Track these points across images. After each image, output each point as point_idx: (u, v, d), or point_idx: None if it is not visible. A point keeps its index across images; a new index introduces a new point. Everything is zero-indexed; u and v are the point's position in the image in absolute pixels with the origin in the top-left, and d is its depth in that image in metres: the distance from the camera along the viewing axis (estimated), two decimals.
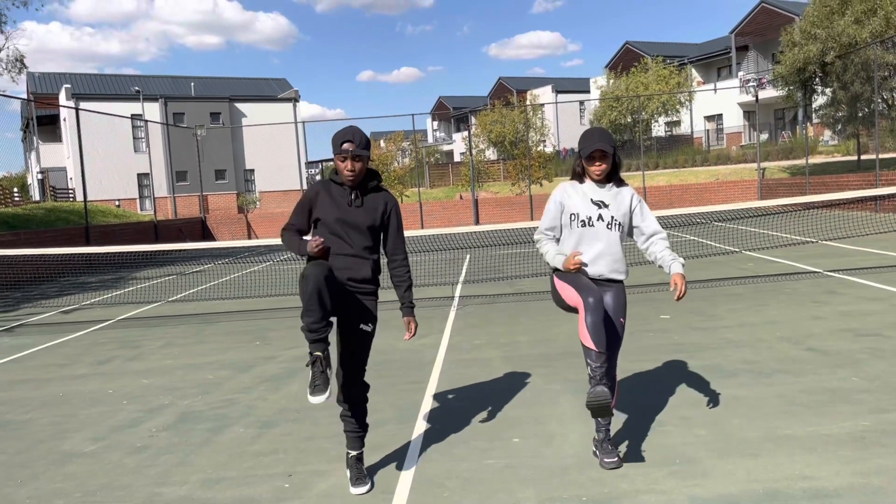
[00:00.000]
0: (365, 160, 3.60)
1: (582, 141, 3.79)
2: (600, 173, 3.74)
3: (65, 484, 4.06)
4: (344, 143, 3.53)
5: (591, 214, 3.77)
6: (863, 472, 3.49)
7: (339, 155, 3.56)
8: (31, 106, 40.48)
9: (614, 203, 3.79)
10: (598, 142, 3.69)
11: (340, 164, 3.58)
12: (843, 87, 21.73)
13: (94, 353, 7.78)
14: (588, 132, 3.82)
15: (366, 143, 3.58)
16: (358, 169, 3.58)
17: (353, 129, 3.59)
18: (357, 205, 3.64)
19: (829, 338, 6.21)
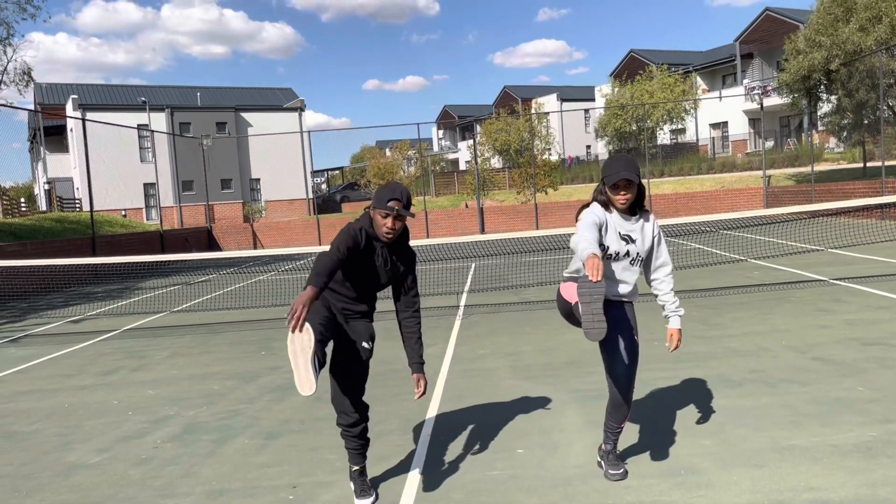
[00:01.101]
0: (404, 220, 3.54)
1: (606, 168, 3.64)
2: (625, 202, 3.60)
3: (70, 496, 4.07)
4: (390, 201, 3.46)
5: (620, 250, 3.65)
6: (869, 483, 3.47)
7: (381, 210, 3.47)
8: (39, 116, 40.75)
9: (640, 238, 3.68)
10: (623, 170, 3.53)
11: (381, 219, 3.49)
12: (848, 94, 21.70)
13: (100, 364, 7.80)
14: (613, 159, 3.67)
15: (409, 202, 3.54)
16: (398, 228, 3.53)
17: (401, 188, 3.53)
18: (384, 266, 3.62)
19: (835, 347, 6.19)
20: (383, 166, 36.90)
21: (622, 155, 3.76)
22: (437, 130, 72.03)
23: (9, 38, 22.60)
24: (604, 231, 3.61)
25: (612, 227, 3.65)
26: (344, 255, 3.39)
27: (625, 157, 3.66)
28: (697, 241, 17.11)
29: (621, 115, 41.24)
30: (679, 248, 15.64)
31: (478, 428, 4.74)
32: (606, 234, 3.64)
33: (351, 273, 3.60)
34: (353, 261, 3.55)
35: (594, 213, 3.62)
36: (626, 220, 3.66)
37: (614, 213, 3.66)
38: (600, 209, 3.65)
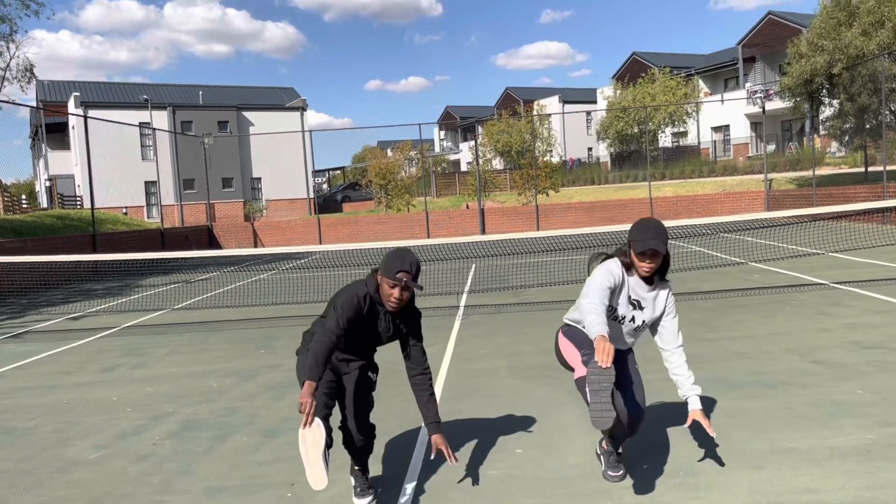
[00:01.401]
0: (412, 291, 3.48)
1: (636, 232, 3.48)
2: (648, 271, 3.49)
3: (68, 491, 4.06)
4: (399, 272, 3.40)
5: (626, 314, 3.59)
6: (868, 486, 3.46)
7: (390, 280, 3.42)
8: (40, 113, 40.79)
9: (650, 306, 3.60)
10: (652, 239, 3.40)
11: (388, 289, 3.44)
12: (851, 98, 21.70)
13: (100, 361, 7.80)
14: (644, 225, 3.49)
15: (418, 273, 3.47)
16: (405, 299, 3.47)
17: (411, 259, 3.45)
18: (386, 331, 3.60)
19: (835, 350, 6.18)
20: (384, 166, 36.87)
21: (654, 220, 3.56)
22: (439, 131, 72.07)
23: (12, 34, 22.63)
24: (616, 293, 3.52)
25: (625, 290, 3.55)
26: (344, 329, 3.37)
27: (656, 223, 3.51)
28: (698, 244, 17.10)
29: (623, 117, 41.26)
30: (680, 251, 15.63)
31: (476, 428, 4.74)
32: (618, 296, 3.54)
33: (350, 337, 3.53)
34: (359, 329, 3.52)
35: (611, 273, 3.49)
36: (642, 286, 3.56)
37: (634, 275, 3.55)
38: (618, 270, 3.52)
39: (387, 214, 32.63)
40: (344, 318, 3.39)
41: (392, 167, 37.21)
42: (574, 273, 12.77)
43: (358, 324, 3.49)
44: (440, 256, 16.14)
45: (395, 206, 34.78)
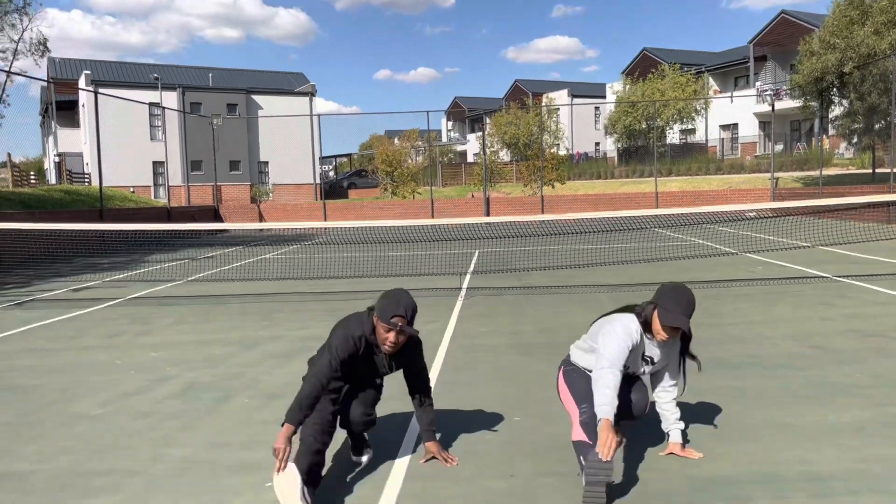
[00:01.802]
0: (408, 335, 3.45)
1: (669, 300, 3.37)
2: (666, 340, 3.45)
3: (72, 443, 4.13)
4: (394, 318, 3.35)
5: (637, 370, 3.61)
6: (862, 460, 3.50)
7: (384, 325, 3.38)
8: (51, 90, 40.86)
9: (660, 361, 3.61)
10: (682, 317, 3.32)
11: (383, 333, 3.40)
12: (861, 97, 21.63)
13: (105, 328, 7.87)
14: (677, 296, 3.36)
15: (413, 316, 3.44)
16: (400, 342, 3.44)
17: (405, 302, 3.40)
18: (384, 368, 3.59)
19: (835, 337, 6.21)
20: (391, 154, 36.90)
21: (686, 291, 3.39)
22: (447, 122, 71.97)
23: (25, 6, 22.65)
24: (631, 354, 3.46)
25: (640, 349, 3.53)
26: (336, 371, 3.36)
27: (691, 296, 3.38)
28: (702, 237, 17.11)
29: (632, 112, 41.16)
30: (683, 244, 15.64)
31: (476, 398, 4.79)
32: (634, 356, 3.51)
33: (348, 374, 3.52)
34: (357, 370, 3.52)
35: (630, 337, 3.42)
36: (656, 345, 3.54)
37: (650, 338, 3.51)
38: (637, 330, 3.46)
39: (392, 201, 32.67)
40: (337, 360, 3.38)
41: (398, 155, 37.23)
42: (577, 258, 12.80)
43: (354, 364, 3.49)
44: (444, 237, 16.19)
45: (401, 193, 34.81)
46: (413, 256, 14.79)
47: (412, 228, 15.97)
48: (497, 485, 3.36)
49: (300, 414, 3.24)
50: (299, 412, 3.24)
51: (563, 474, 3.44)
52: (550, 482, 3.36)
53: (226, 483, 3.48)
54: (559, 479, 3.39)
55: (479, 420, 4.31)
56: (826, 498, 3.08)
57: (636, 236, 18.06)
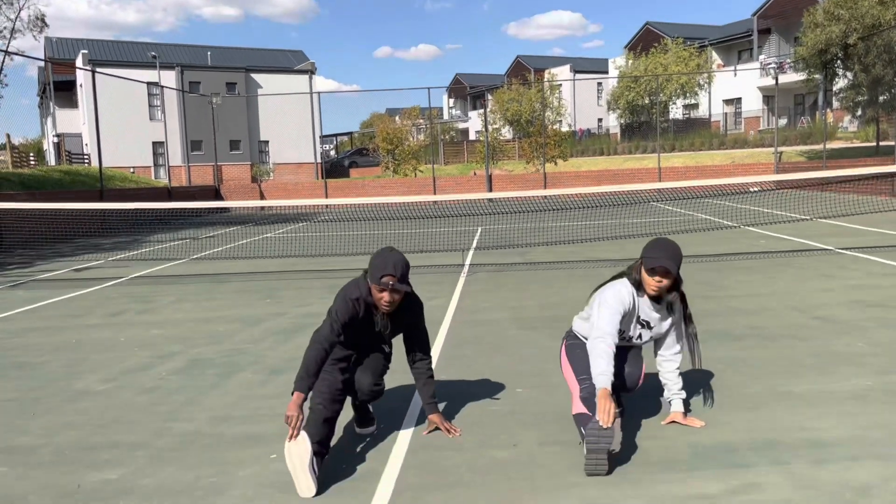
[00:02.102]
0: (402, 293, 3.43)
1: (648, 249, 3.45)
2: (657, 289, 3.44)
3: (77, 417, 4.15)
4: (384, 277, 3.34)
5: (633, 334, 3.59)
6: (862, 426, 3.51)
7: (376, 286, 3.38)
8: (48, 71, 40.63)
9: (657, 326, 3.60)
10: (667, 259, 3.37)
11: (378, 293, 3.39)
12: (865, 69, 21.44)
13: (107, 306, 7.89)
14: (658, 243, 3.46)
15: (406, 273, 3.41)
16: (395, 301, 3.43)
17: (394, 260, 3.37)
18: (386, 332, 3.58)
19: (837, 308, 6.21)
20: (392, 132, 36.72)
21: (669, 241, 3.49)
22: (448, 99, 71.55)
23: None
24: (626, 318, 3.48)
25: (635, 312, 3.53)
26: (338, 335, 3.38)
27: (673, 244, 3.45)
28: (705, 212, 17.06)
29: (634, 87, 40.86)
30: (687, 219, 15.61)
31: (479, 370, 4.81)
32: (629, 320, 3.52)
33: (351, 342, 3.53)
34: (351, 330, 3.50)
35: (622, 298, 3.46)
36: (651, 307, 3.53)
37: (644, 296, 3.51)
38: (629, 293, 3.48)
39: (394, 179, 32.59)
40: (339, 323, 3.39)
41: (399, 132, 37.07)
42: (579, 234, 12.79)
43: (355, 327, 3.49)
44: (447, 214, 16.17)
45: (402, 171, 34.71)
46: (416, 234, 14.78)
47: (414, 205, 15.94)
48: (500, 454, 3.38)
49: (308, 380, 3.24)
50: (307, 378, 3.24)
51: (565, 443, 3.46)
52: (553, 451, 3.38)
53: (230, 456, 3.50)
54: (562, 448, 3.41)
55: (482, 392, 4.32)
56: (826, 464, 3.10)
57: (639, 211, 18.02)
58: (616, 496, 2.89)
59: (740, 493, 2.86)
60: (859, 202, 16.94)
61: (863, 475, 2.97)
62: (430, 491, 3.02)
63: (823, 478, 2.96)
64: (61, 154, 34.13)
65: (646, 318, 3.56)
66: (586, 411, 3.31)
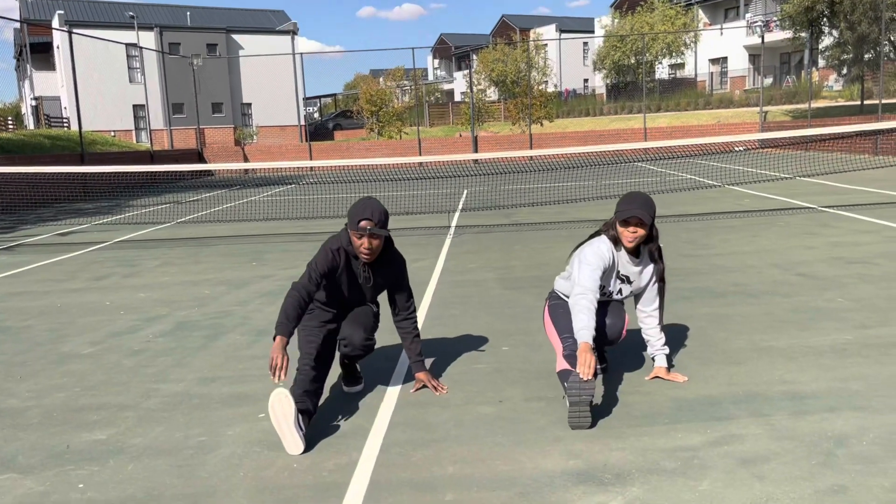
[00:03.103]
0: (382, 238, 3.41)
1: (622, 202, 3.49)
2: (633, 240, 3.45)
3: (64, 380, 4.16)
4: (361, 221, 3.32)
5: (613, 289, 3.61)
6: (841, 378, 3.58)
7: (355, 232, 3.35)
8: (24, 32, 39.68)
9: (637, 280, 3.62)
10: (638, 208, 3.40)
11: (356, 240, 3.37)
12: (850, 27, 21.37)
13: (92, 271, 7.85)
14: (631, 196, 3.50)
15: (384, 220, 3.38)
16: (375, 247, 3.39)
17: (372, 206, 3.36)
18: (368, 285, 3.55)
19: (818, 265, 6.29)
20: (376, 93, 36.32)
21: (641, 193, 3.54)
22: (433, 59, 70.72)
23: None
24: (606, 274, 3.51)
25: (615, 267, 3.55)
26: (317, 282, 3.37)
27: (644, 196, 3.50)
28: (691, 172, 17.10)
29: (620, 47, 40.53)
30: (672, 179, 15.64)
31: (465, 330, 4.84)
32: (608, 276, 3.55)
33: (334, 296, 3.53)
34: (333, 283, 3.49)
35: (601, 254, 3.48)
36: (630, 261, 3.55)
37: (622, 251, 3.53)
38: (608, 250, 3.50)
39: (379, 141, 32.35)
40: (317, 272, 3.38)
41: (383, 94, 36.68)
42: (565, 194, 12.80)
43: (336, 279, 3.49)
44: (432, 175, 16.11)
45: (387, 133, 34.44)
46: (401, 196, 14.73)
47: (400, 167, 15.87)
48: (486, 410, 3.42)
49: (288, 325, 3.22)
50: (287, 323, 3.23)
51: (549, 399, 3.51)
52: (538, 406, 3.43)
53: (218, 415, 3.53)
54: (546, 403, 3.46)
55: (468, 350, 4.36)
56: (805, 415, 3.16)
57: (624, 171, 18.03)
58: (600, 449, 2.94)
59: (721, 445, 2.92)
60: (843, 160, 17.02)
61: (840, 426, 3.04)
62: (416, 447, 3.06)
63: (802, 429, 3.03)
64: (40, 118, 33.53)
65: (625, 273, 3.59)
66: (570, 368, 3.35)
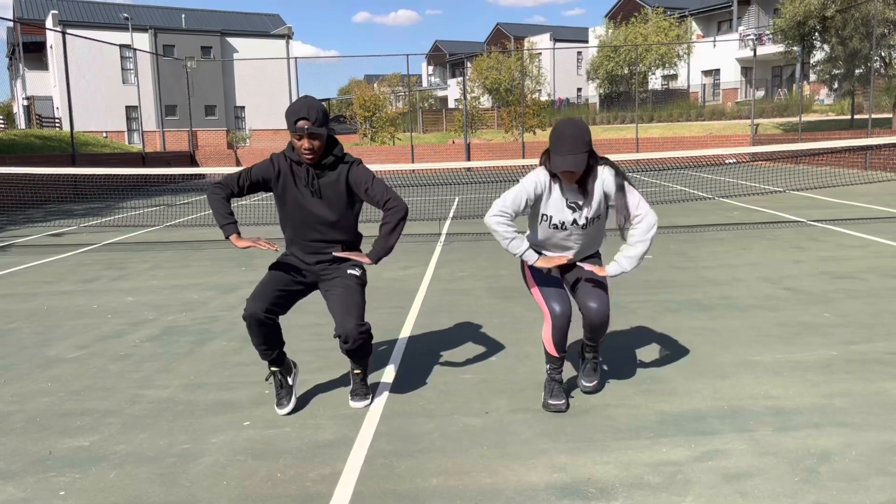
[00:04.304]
0: (323, 137, 3.31)
1: (552, 142, 3.20)
2: (571, 181, 3.26)
3: (49, 385, 4.13)
4: (298, 121, 3.24)
5: (565, 219, 3.35)
6: (825, 395, 3.60)
7: (294, 134, 3.29)
8: (17, 31, 39.53)
9: (591, 201, 3.32)
10: (568, 155, 3.12)
11: (297, 142, 3.31)
12: (842, 42, 21.56)
13: (80, 273, 7.81)
14: (559, 133, 3.17)
15: (323, 118, 3.29)
16: (316, 147, 3.31)
17: (309, 103, 3.28)
18: (318, 196, 3.42)
19: (806, 279, 6.32)
20: (370, 99, 36.35)
21: (570, 127, 3.18)
22: (427, 66, 70.86)
23: None
24: (543, 200, 3.34)
25: (555, 194, 3.33)
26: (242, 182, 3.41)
27: (572, 131, 3.16)
28: (681, 184, 17.18)
29: (614, 57, 40.73)
30: (661, 189, 15.71)
31: (453, 339, 4.84)
32: (548, 203, 3.34)
33: (294, 213, 3.46)
34: (287, 197, 3.44)
35: (536, 179, 3.30)
36: (574, 189, 3.32)
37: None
38: (544, 177, 3.31)
39: (372, 147, 32.35)
40: (248, 172, 3.40)
41: (377, 99, 36.70)
42: None
43: (280, 187, 3.43)
44: (424, 182, 16.12)
45: (380, 138, 34.46)
46: None
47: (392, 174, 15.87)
48: (472, 421, 3.42)
49: (228, 220, 3.40)
50: (225, 220, 3.40)
51: (536, 411, 3.51)
52: (524, 418, 3.43)
53: (203, 422, 3.51)
54: (532, 415, 3.46)
55: (455, 360, 4.36)
56: (789, 431, 3.18)
57: None
58: (584, 462, 2.95)
59: (706, 460, 2.93)
60: (833, 174, 17.14)
61: (824, 442, 3.06)
62: (401, 458, 3.05)
63: (786, 445, 3.04)
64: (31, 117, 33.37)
65: (573, 201, 3.34)
66: (553, 351, 3.48)
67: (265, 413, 3.60)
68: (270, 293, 3.41)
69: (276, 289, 3.45)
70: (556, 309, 3.41)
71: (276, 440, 3.27)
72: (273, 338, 3.47)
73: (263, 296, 3.38)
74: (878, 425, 3.21)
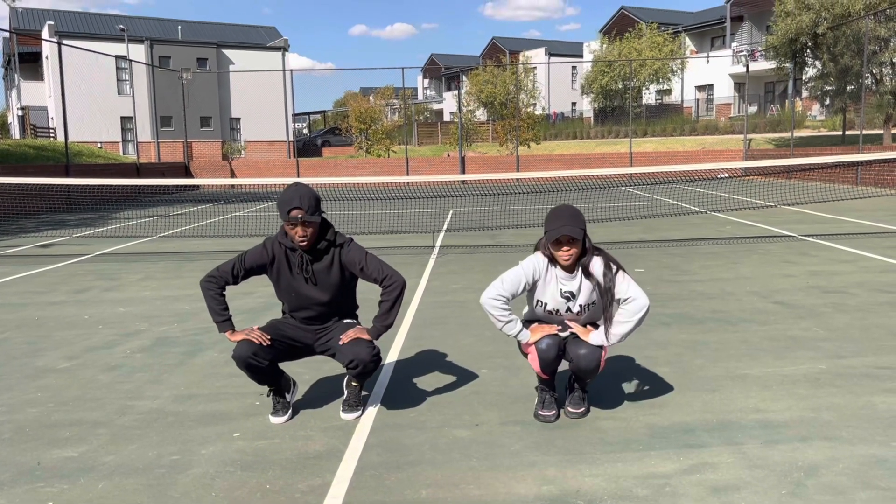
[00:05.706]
0: (316, 225, 3.38)
1: (549, 221, 3.36)
2: (568, 258, 3.34)
3: (38, 395, 4.12)
4: (292, 211, 3.31)
5: (560, 308, 3.47)
6: (814, 408, 3.62)
7: (288, 224, 3.36)
8: (13, 42, 39.57)
9: (584, 290, 3.43)
10: (565, 225, 3.28)
11: (290, 230, 3.38)
12: (833, 59, 21.76)
13: (72, 283, 7.79)
14: (556, 212, 3.36)
15: (315, 205, 3.34)
16: (310, 234, 3.39)
17: (300, 192, 3.34)
18: (313, 282, 3.50)
19: (796, 293, 6.36)
20: (366, 111, 36.45)
21: (567, 207, 3.41)
22: (423, 79, 71.14)
23: None
24: (539, 287, 3.44)
25: (553, 283, 3.43)
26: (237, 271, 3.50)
27: (570, 209, 3.37)
28: (674, 198, 17.26)
29: (608, 72, 40.98)
30: (655, 204, 15.78)
31: (444, 351, 4.85)
32: (544, 291, 3.45)
33: (290, 297, 3.54)
34: (283, 282, 3.52)
35: (534, 264, 3.41)
36: (569, 276, 3.42)
37: (559, 268, 3.42)
38: (542, 262, 3.42)
39: (367, 159, 32.41)
40: (241, 261, 3.47)
41: (372, 111, 36.81)
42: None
43: (275, 274, 3.51)
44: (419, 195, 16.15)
45: (375, 151, 34.53)
46: (387, 214, 14.75)
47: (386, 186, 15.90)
48: (462, 433, 3.42)
49: (223, 317, 3.47)
50: (220, 317, 3.48)
51: (526, 423, 3.52)
52: (514, 431, 3.44)
53: (193, 434, 3.50)
54: (522, 427, 3.47)
55: (446, 372, 4.37)
56: (777, 444, 3.19)
57: (609, 196, 18.16)
58: (573, 475, 2.95)
59: (694, 473, 2.94)
60: (824, 190, 17.25)
61: (811, 455, 3.08)
62: (390, 469, 3.06)
63: (774, 458, 3.06)
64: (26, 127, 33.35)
65: (568, 290, 3.44)
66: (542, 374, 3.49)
67: (255, 424, 3.60)
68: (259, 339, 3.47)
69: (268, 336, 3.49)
70: (542, 343, 3.42)
71: (266, 451, 3.27)
72: (268, 376, 3.53)
73: (250, 341, 3.43)
74: (865, 439, 3.23)
